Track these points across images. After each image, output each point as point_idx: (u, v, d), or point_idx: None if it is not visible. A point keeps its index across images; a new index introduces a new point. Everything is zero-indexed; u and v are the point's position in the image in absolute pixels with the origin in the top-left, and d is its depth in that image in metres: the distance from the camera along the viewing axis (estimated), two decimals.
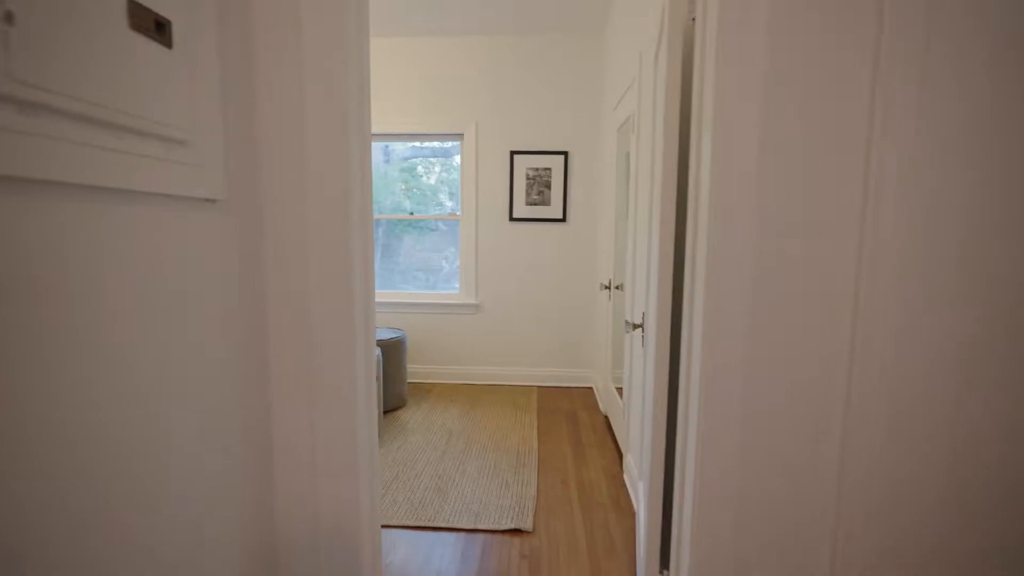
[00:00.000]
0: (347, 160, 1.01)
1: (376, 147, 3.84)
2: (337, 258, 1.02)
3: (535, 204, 3.74)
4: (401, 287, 3.93)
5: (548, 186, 3.72)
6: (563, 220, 3.74)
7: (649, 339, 1.61)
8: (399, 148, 3.85)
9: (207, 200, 0.85)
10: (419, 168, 3.90)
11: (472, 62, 3.66)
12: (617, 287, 3.00)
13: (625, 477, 2.42)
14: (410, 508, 2.14)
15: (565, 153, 3.68)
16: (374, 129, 3.71)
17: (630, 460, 2.34)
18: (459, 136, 3.76)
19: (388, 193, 3.84)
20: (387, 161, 3.84)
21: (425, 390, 3.75)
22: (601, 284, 3.13)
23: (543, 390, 3.80)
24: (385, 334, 3.34)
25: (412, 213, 3.91)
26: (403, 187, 3.86)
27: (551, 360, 3.89)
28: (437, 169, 3.91)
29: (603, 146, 3.60)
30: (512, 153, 3.69)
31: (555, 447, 2.79)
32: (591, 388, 3.84)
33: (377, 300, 3.78)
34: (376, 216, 3.90)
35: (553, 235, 3.77)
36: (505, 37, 3.62)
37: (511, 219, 3.75)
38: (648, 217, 1.78)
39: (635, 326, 1.87)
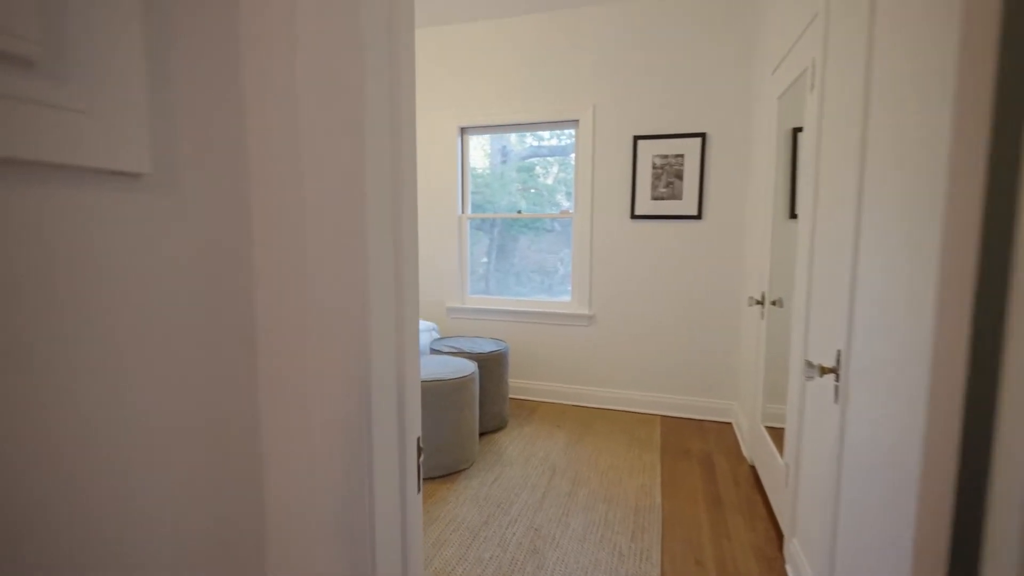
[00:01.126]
0: (362, 129, 0.62)
1: (494, 147, 3.55)
2: (347, 262, 0.64)
3: (662, 198, 3.13)
4: (516, 290, 3.58)
5: (679, 176, 3.09)
6: (697, 217, 3.08)
7: (852, 388, 1.00)
8: (517, 148, 3.51)
9: (115, 173, 0.50)
10: (537, 168, 3.53)
11: (585, 37, 3.18)
12: (773, 303, 2.30)
13: (788, 568, 1.76)
14: (498, 571, 1.74)
15: (702, 135, 3.02)
16: (479, 122, 3.42)
17: (797, 548, 1.68)
18: (573, 123, 3.31)
19: (504, 194, 3.53)
20: (504, 161, 3.54)
21: (528, 409, 3.35)
22: (751, 298, 2.44)
23: (668, 421, 3.17)
24: (485, 346, 3.01)
25: (520, 212, 3.55)
26: (519, 187, 3.52)
27: (679, 386, 3.24)
28: (555, 169, 3.51)
29: (755, 123, 2.87)
30: (636, 139, 3.14)
31: (685, 504, 2.20)
32: (730, 424, 3.12)
33: (482, 307, 3.48)
34: (486, 215, 3.62)
35: (685, 235, 3.13)
36: (621, 4, 3.08)
37: (633, 216, 3.19)
38: (877, 213, 1.16)
39: (824, 370, 1.25)
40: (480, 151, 3.58)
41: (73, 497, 0.47)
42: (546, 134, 3.44)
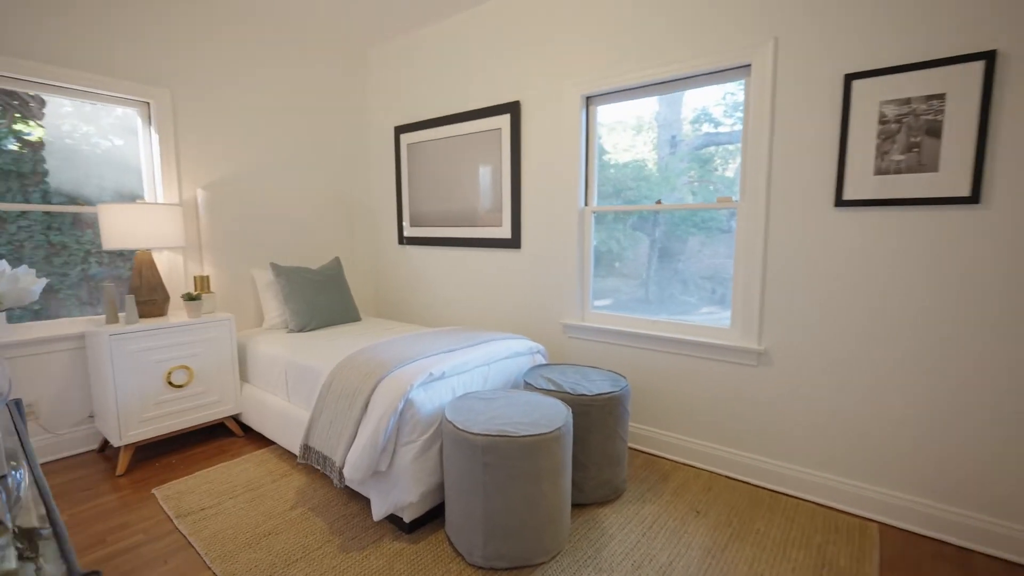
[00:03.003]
0: None
1: (662, 136, 2.68)
2: None
3: (898, 171, 1.92)
4: (682, 299, 2.63)
5: (933, 132, 1.84)
6: (972, 201, 1.79)
7: None
8: (689, 136, 2.57)
9: None
10: (716, 160, 2.55)
11: None
12: None
13: None
14: None
15: (986, 57, 1.73)
16: (608, 85, 2.61)
17: None
18: (741, 71, 2.28)
19: (670, 188, 2.64)
20: (672, 152, 2.63)
21: (659, 472, 2.43)
22: None
23: (896, 537, 1.94)
24: (598, 382, 2.21)
25: (659, 202, 2.63)
26: (691, 180, 2.58)
27: (925, 482, 1.97)
28: (737, 159, 2.49)
29: None
30: (848, 79, 1.98)
31: None
32: None
33: (606, 327, 2.69)
34: (615, 208, 2.79)
35: (945, 232, 1.87)
36: None
37: (840, 203, 2.04)
38: None
39: None
40: (646, 142, 2.72)
41: None
42: (724, 117, 2.45)
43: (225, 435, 2.91)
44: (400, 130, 3.71)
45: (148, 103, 2.86)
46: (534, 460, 1.68)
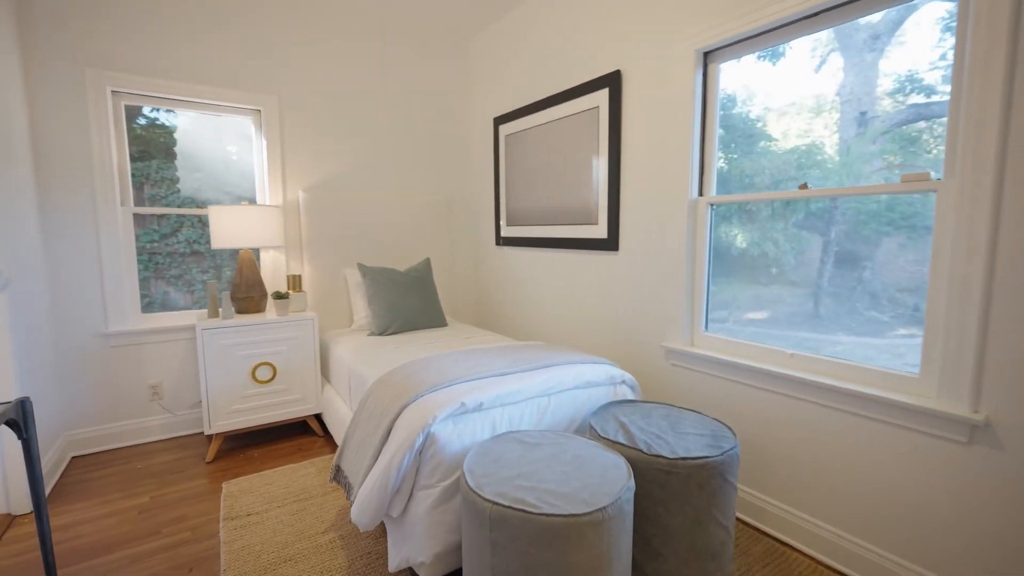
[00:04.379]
0: None
1: (847, 115, 1.87)
2: None
3: None
4: (868, 315, 1.83)
5: None
6: None
7: None
8: (888, 111, 1.75)
9: None
10: (924, 137, 1.70)
11: None
12: None
13: None
14: None
15: None
16: (735, 32, 1.92)
17: None
18: None
19: (852, 177, 1.85)
20: (861, 132, 1.84)
21: (791, 573, 1.69)
22: None
23: None
24: (685, 439, 1.59)
25: (805, 185, 1.85)
26: (888, 163, 1.74)
27: None
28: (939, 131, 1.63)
29: None
30: None
31: None
32: None
33: (731, 360, 2.03)
34: (737, 197, 2.08)
35: None
36: None
37: None
38: None
39: None
40: (827, 124, 1.95)
41: None
42: (943, 85, 1.61)
43: (307, 434, 2.93)
44: (499, 121, 3.41)
45: (259, 110, 3.03)
46: (559, 550, 1.19)
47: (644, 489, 1.50)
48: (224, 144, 3.04)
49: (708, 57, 2.11)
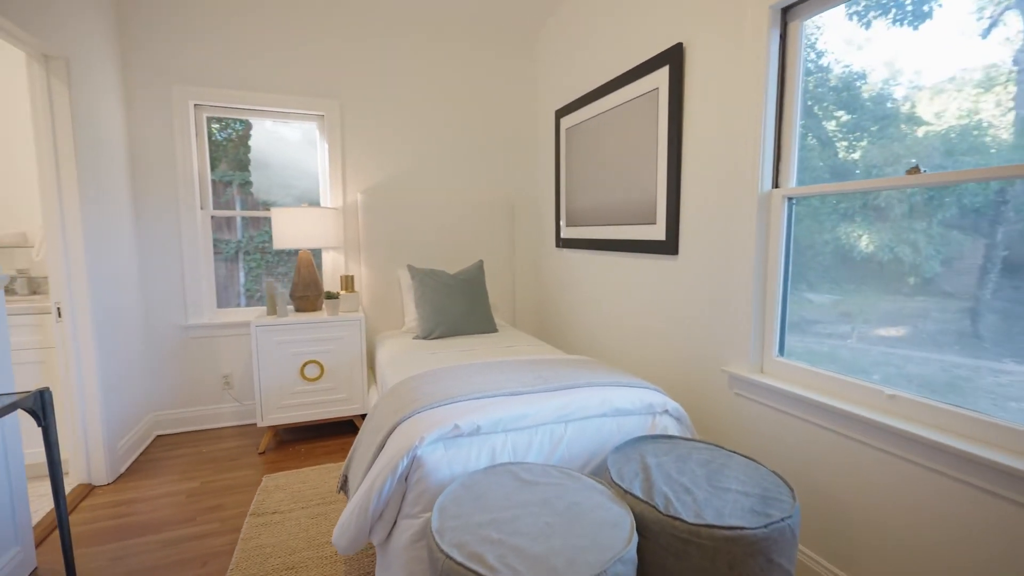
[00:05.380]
0: None
1: None
2: None
3: None
4: None
5: None
6: None
7: None
8: None
9: None
10: None
11: None
12: None
13: None
14: None
15: None
16: None
17: None
18: None
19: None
20: None
21: None
22: None
23: None
24: (722, 497, 1.24)
25: (916, 169, 1.37)
26: None
27: None
28: None
29: None
30: None
31: None
32: None
33: (811, 398, 1.64)
34: (821, 188, 1.63)
35: None
36: None
37: None
38: None
39: None
40: (1000, 101, 1.44)
41: None
42: None
43: (353, 433, 2.95)
44: (560, 114, 3.17)
45: (322, 115, 3.13)
46: None
47: (655, 559, 1.19)
48: (294, 149, 3.18)
49: (787, 12, 1.68)
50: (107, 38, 2.55)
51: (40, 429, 1.46)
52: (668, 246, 2.21)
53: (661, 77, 2.20)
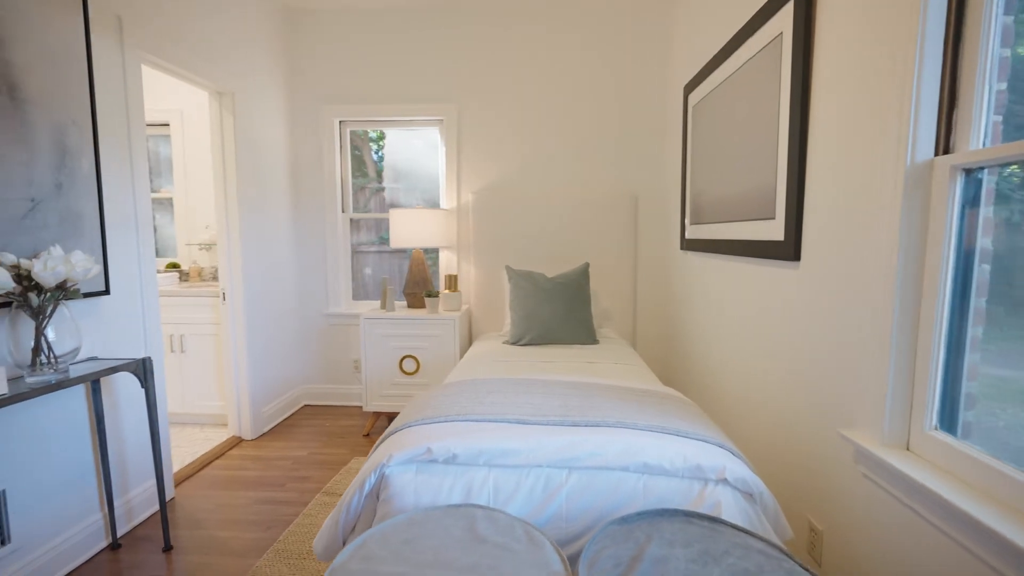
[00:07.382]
0: None
1: None
2: None
3: None
4: None
5: None
6: None
7: None
8: None
9: None
10: None
11: None
12: None
13: None
14: None
15: None
16: None
17: None
18: None
19: None
20: None
21: None
22: None
23: None
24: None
25: None
26: None
27: None
28: None
29: None
30: None
31: None
32: None
33: (994, 466, 1.03)
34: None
35: None
36: None
37: None
38: None
39: None
40: None
41: None
42: None
43: None
44: (687, 89, 2.64)
45: (442, 119, 3.24)
46: None
47: None
48: (421, 154, 3.39)
49: None
50: (272, 69, 3.09)
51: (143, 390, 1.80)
52: (787, 249, 1.60)
53: (784, 20, 1.60)
